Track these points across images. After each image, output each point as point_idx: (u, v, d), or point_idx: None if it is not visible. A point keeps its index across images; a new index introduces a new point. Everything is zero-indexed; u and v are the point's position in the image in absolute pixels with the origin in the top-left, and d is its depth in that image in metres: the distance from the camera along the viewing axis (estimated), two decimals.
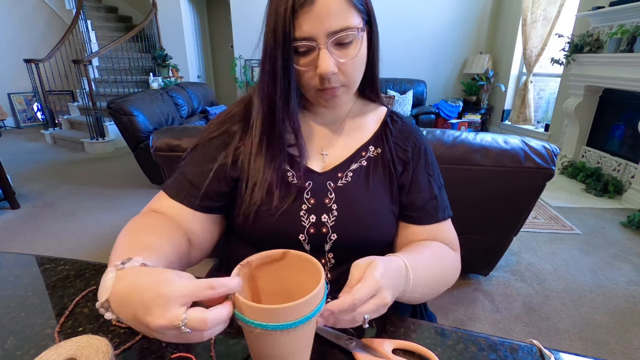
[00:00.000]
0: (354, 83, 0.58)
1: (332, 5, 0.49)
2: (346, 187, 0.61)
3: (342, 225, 0.59)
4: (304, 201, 0.59)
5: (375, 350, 0.45)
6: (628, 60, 2.76)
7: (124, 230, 0.50)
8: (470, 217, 1.46)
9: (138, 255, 0.40)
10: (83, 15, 4.85)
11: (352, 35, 0.51)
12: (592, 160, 3.30)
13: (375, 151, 0.64)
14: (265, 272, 0.43)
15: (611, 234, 2.27)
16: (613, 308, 1.60)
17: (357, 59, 0.54)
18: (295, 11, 0.49)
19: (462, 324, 1.52)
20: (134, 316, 0.34)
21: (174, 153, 1.43)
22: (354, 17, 0.51)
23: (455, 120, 4.81)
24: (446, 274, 0.61)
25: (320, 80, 0.54)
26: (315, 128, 0.65)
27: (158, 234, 0.50)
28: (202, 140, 0.63)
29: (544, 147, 1.31)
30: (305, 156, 0.61)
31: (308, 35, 0.50)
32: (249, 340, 0.39)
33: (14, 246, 2.14)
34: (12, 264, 0.65)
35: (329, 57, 0.51)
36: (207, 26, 6.27)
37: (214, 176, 0.59)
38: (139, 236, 0.48)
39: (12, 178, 2.82)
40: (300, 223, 0.58)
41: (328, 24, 0.49)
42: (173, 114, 3.38)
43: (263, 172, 0.58)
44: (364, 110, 0.68)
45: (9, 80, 5.39)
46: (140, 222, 0.53)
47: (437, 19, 4.90)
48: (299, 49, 0.52)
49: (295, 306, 0.34)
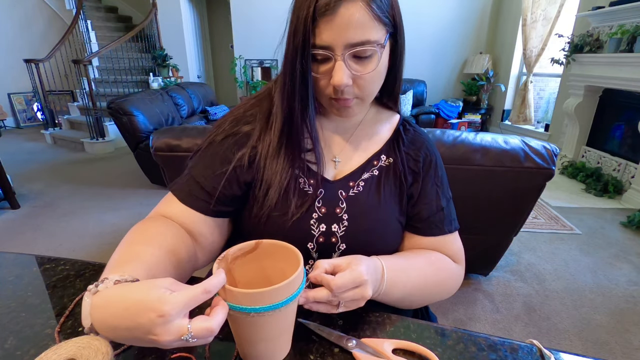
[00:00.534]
0: (369, 96, 0.57)
1: (353, 16, 0.47)
2: (357, 196, 0.60)
3: (352, 235, 0.58)
4: (315, 209, 0.58)
5: (375, 350, 0.45)
6: (628, 60, 2.77)
7: (125, 238, 0.49)
8: (470, 217, 1.46)
9: (120, 270, 0.39)
10: (83, 15, 4.85)
11: (370, 50, 0.50)
12: (592, 160, 3.30)
13: (387, 160, 0.63)
14: (242, 264, 0.46)
15: (611, 234, 2.27)
16: (613, 308, 1.60)
17: (374, 74, 0.52)
18: (316, 19, 0.48)
19: (462, 324, 1.52)
20: (133, 338, 0.34)
21: (174, 153, 1.43)
22: (377, 31, 0.49)
23: (455, 120, 4.81)
24: (440, 283, 0.61)
25: (333, 90, 0.53)
26: (328, 134, 0.64)
27: (156, 243, 0.48)
28: (213, 139, 0.60)
29: (544, 147, 1.31)
30: (322, 164, 0.59)
31: (326, 44, 0.49)
32: (235, 327, 0.41)
33: (14, 246, 2.14)
34: (12, 264, 0.65)
35: (344, 69, 0.50)
36: (207, 26, 6.27)
37: (227, 179, 0.57)
38: (132, 247, 0.47)
39: (12, 178, 2.82)
40: (310, 231, 0.58)
41: (347, 36, 0.48)
42: (173, 114, 3.38)
43: (279, 175, 0.57)
44: (378, 117, 0.67)
45: (9, 80, 5.39)
46: (141, 228, 0.51)
47: (437, 19, 4.91)
48: (317, 57, 0.51)
49: (279, 288, 0.37)
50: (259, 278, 0.47)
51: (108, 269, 0.42)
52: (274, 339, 0.42)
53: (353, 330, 0.49)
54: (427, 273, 0.59)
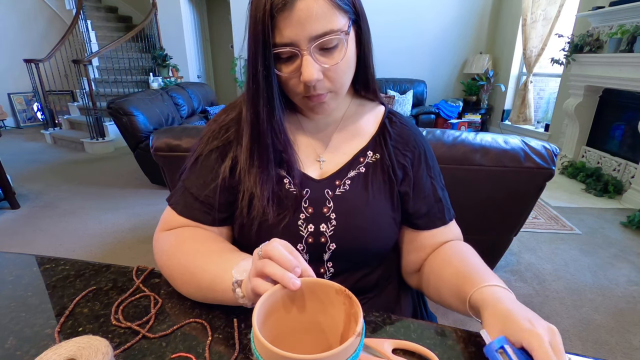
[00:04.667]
0: (342, 88, 0.55)
1: (313, 8, 0.45)
2: (344, 195, 0.59)
3: (341, 235, 0.58)
4: (302, 210, 0.58)
5: (375, 350, 0.45)
6: (628, 60, 2.76)
7: (185, 251, 0.55)
8: (470, 217, 1.45)
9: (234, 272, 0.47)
10: (83, 15, 4.85)
11: (336, 39, 0.48)
12: (592, 160, 3.30)
13: (374, 157, 0.61)
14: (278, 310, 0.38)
15: (611, 234, 2.27)
16: (613, 308, 1.60)
17: (343, 63, 0.51)
18: (274, 16, 0.46)
19: (462, 324, 1.52)
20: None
21: (174, 153, 1.43)
22: (339, 19, 0.48)
23: (455, 120, 4.81)
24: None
25: (305, 87, 0.51)
26: (310, 133, 0.63)
27: (213, 240, 0.57)
28: (201, 152, 0.61)
29: (544, 147, 1.31)
30: (297, 167, 0.59)
31: (289, 41, 0.47)
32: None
33: (14, 246, 2.14)
34: (12, 264, 0.65)
35: (312, 63, 0.48)
36: (207, 26, 6.27)
37: (219, 189, 0.58)
38: (212, 253, 0.54)
39: (12, 178, 2.82)
40: (299, 232, 0.57)
41: (310, 29, 0.46)
42: (173, 114, 3.38)
43: (259, 186, 0.56)
44: (361, 110, 0.65)
45: (9, 80, 5.39)
46: (189, 238, 0.58)
47: (437, 19, 4.90)
48: (282, 55, 0.49)
49: (337, 353, 0.30)
50: (303, 327, 0.39)
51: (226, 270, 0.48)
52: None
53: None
54: (477, 260, 0.57)
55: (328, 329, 0.39)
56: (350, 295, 0.37)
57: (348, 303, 0.37)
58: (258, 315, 0.33)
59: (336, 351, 0.29)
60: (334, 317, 0.38)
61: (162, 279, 0.60)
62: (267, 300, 0.36)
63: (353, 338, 0.31)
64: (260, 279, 0.40)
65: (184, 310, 0.53)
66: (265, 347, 0.30)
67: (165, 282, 0.59)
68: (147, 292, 0.56)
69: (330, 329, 0.39)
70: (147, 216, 2.54)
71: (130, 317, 0.51)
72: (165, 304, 0.54)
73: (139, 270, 0.62)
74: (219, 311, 0.52)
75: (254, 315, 0.33)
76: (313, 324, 0.39)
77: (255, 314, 0.33)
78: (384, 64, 5.05)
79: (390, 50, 4.96)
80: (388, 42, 4.91)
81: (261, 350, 0.31)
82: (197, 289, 0.52)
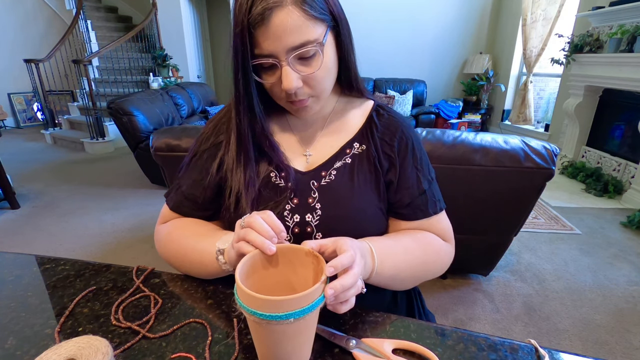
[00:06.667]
0: (323, 92, 0.57)
1: (287, 21, 0.48)
2: (329, 185, 0.60)
3: (327, 224, 0.58)
4: (287, 201, 0.59)
5: (375, 350, 0.45)
6: (628, 60, 2.77)
7: (178, 235, 0.63)
8: (471, 217, 1.46)
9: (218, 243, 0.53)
10: (83, 15, 4.85)
11: (313, 49, 0.51)
12: (592, 160, 3.30)
13: (360, 148, 0.63)
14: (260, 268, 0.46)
15: (611, 234, 2.27)
16: (613, 308, 1.60)
17: (321, 71, 0.53)
18: (251, 32, 0.49)
19: (462, 324, 1.52)
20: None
21: (174, 153, 1.43)
22: (314, 30, 0.50)
23: (455, 120, 4.81)
24: (429, 261, 0.61)
25: (287, 94, 0.54)
26: (297, 131, 0.65)
27: (202, 224, 0.64)
28: (195, 152, 0.66)
29: (544, 147, 1.31)
30: (283, 161, 0.61)
31: (268, 53, 0.50)
32: (255, 334, 0.40)
33: (14, 246, 2.14)
34: (12, 264, 0.65)
35: (291, 72, 0.51)
36: (207, 26, 6.27)
37: (208, 186, 0.63)
38: (200, 235, 0.60)
39: (12, 178, 2.82)
40: (285, 223, 0.58)
41: (286, 41, 0.49)
42: (173, 114, 3.38)
43: (243, 185, 0.59)
44: (348, 106, 0.66)
45: (9, 80, 5.39)
46: (180, 225, 0.64)
47: (438, 19, 4.91)
48: (264, 65, 0.52)
49: (304, 296, 0.37)
50: (278, 284, 0.46)
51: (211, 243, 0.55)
52: (295, 347, 0.41)
53: (353, 330, 0.49)
54: (415, 251, 0.59)
55: (299, 285, 0.46)
56: (317, 255, 0.43)
57: (316, 262, 0.43)
58: (240, 272, 0.40)
59: (304, 293, 0.36)
60: (305, 275, 0.45)
61: (162, 278, 0.61)
62: (247, 262, 0.42)
63: (318, 284, 0.38)
64: (244, 242, 0.45)
65: (184, 310, 0.53)
66: (245, 293, 0.36)
67: (165, 282, 0.59)
68: (147, 292, 0.56)
69: (300, 285, 0.45)
70: (147, 216, 2.54)
71: (130, 317, 0.51)
72: (165, 304, 0.54)
73: (139, 270, 0.62)
74: (219, 311, 0.52)
75: (237, 271, 0.40)
76: (287, 281, 0.46)
77: (238, 271, 0.40)
78: (384, 64, 5.06)
79: (391, 50, 4.96)
80: (388, 42, 4.91)
81: (243, 297, 0.37)
82: (191, 266, 0.60)
